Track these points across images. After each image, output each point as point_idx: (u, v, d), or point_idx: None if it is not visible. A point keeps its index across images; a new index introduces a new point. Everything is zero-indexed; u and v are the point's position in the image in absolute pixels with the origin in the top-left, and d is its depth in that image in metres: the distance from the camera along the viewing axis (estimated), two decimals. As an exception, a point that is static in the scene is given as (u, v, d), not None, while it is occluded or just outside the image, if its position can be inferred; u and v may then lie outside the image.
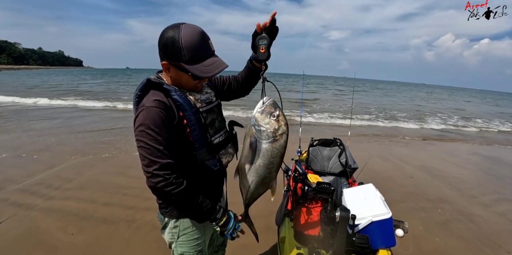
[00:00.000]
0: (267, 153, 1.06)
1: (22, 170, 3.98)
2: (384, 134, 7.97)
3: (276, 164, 1.10)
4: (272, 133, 1.04)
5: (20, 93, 14.10)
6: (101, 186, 3.48)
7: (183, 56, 0.95)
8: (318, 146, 3.08)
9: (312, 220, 2.24)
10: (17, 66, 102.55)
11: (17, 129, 6.54)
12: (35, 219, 2.72)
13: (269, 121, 1.04)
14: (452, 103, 23.37)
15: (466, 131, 9.89)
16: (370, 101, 19.37)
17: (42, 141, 5.54)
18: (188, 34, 0.94)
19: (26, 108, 10.04)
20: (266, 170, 1.10)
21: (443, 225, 2.95)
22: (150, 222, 2.65)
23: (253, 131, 1.06)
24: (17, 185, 3.46)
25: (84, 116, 8.77)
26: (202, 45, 0.97)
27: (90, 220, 2.71)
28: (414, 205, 3.38)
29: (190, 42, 0.94)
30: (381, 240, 1.76)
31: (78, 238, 2.41)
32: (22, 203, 3.02)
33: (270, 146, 1.05)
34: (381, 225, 1.74)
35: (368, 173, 4.18)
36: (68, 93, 15.54)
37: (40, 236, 2.44)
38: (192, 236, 1.20)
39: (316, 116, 10.30)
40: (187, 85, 1.07)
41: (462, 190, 3.96)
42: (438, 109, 16.74)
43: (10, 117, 8.05)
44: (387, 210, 1.75)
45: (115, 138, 5.97)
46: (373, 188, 2.03)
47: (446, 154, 6.03)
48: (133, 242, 2.38)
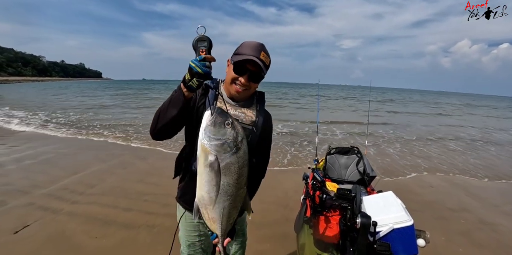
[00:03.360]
0: (233, 166, 0.92)
1: (47, 176, 4.16)
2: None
3: (245, 175, 0.98)
4: (233, 142, 0.92)
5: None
6: (122, 192, 3.59)
7: (235, 51, 1.17)
8: (335, 154, 3.08)
9: (331, 228, 2.23)
10: (41, 78, 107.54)
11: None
12: (61, 222, 2.83)
13: (225, 131, 0.91)
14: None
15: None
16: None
17: (64, 147, 5.79)
18: (248, 40, 1.18)
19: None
20: (237, 186, 0.96)
21: (465, 235, 2.87)
22: (170, 228, 2.70)
23: (207, 148, 0.89)
24: (43, 190, 3.62)
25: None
26: (251, 48, 1.12)
27: (112, 224, 2.79)
28: (434, 214, 3.30)
29: (245, 44, 1.16)
30: (403, 247, 1.74)
31: (102, 242, 2.49)
32: (48, 207, 3.15)
33: (235, 157, 0.92)
34: (402, 232, 1.72)
35: (386, 182, 4.12)
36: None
37: (66, 239, 2.54)
38: (185, 227, 1.36)
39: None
40: (229, 78, 1.17)
41: (484, 199, 3.83)
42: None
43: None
44: (409, 217, 1.74)
45: (135, 145, 6.15)
46: (393, 195, 2.02)
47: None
48: (154, 247, 2.44)
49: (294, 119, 11.39)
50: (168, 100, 1.05)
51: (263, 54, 1.12)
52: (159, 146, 6.06)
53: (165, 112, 1.04)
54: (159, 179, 4.08)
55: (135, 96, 23.90)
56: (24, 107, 13.37)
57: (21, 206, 3.16)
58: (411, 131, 10.25)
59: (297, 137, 7.79)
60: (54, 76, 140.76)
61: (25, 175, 4.18)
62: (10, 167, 4.55)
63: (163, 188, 3.70)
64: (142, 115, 11.43)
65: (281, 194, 3.71)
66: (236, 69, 1.12)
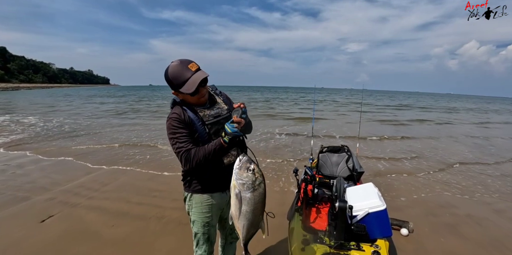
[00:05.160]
0: (250, 201, 1.25)
1: (64, 175, 4.55)
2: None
3: (260, 208, 1.30)
4: (251, 184, 1.24)
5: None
6: (133, 189, 3.94)
7: (174, 86, 1.39)
8: (327, 153, 3.36)
9: (321, 218, 2.51)
10: (51, 84, 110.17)
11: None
12: (80, 214, 3.17)
13: (247, 175, 1.23)
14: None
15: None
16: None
17: (79, 149, 6.19)
18: (171, 69, 1.36)
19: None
20: (253, 214, 1.29)
21: (450, 228, 3.05)
22: (178, 219, 3.02)
23: (236, 184, 1.25)
24: (61, 187, 3.99)
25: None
26: (181, 73, 1.35)
27: (126, 216, 3.12)
28: (424, 210, 3.50)
29: (172, 74, 1.36)
30: (378, 230, 2.01)
31: (118, 229, 2.82)
32: (68, 201, 3.50)
33: (252, 194, 1.25)
34: (376, 215, 2.00)
35: (378, 178, 4.36)
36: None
37: (86, 227, 2.88)
38: (201, 210, 1.58)
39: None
40: (192, 101, 1.46)
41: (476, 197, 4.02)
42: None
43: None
44: (382, 203, 2.02)
45: (145, 148, 6.52)
46: (372, 185, 2.30)
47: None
48: (163, 233, 2.76)
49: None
50: (212, 152, 1.37)
51: (192, 65, 1.37)
52: (167, 145, 6.43)
53: (207, 158, 1.37)
54: (167, 178, 4.44)
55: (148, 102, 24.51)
56: (34, 113, 13.95)
57: (44, 200, 3.52)
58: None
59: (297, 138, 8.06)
60: (63, 83, 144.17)
61: (44, 175, 4.56)
62: (29, 167, 4.95)
63: (170, 186, 4.05)
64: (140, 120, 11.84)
65: (279, 194, 4.00)
66: (193, 94, 1.38)
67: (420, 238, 2.80)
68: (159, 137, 7.93)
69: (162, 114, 14.36)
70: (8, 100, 24.21)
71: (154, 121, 11.49)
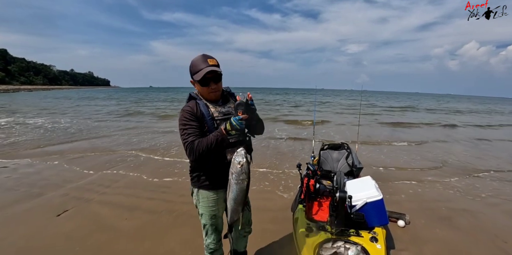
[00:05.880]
0: (233, 190, 1.43)
1: (75, 173, 4.72)
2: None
3: (239, 200, 1.46)
4: (237, 177, 1.38)
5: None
6: (143, 186, 4.12)
7: (191, 73, 1.55)
8: (328, 150, 3.54)
9: (323, 210, 2.68)
10: (51, 86, 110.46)
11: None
12: (94, 208, 3.35)
13: (236, 168, 1.37)
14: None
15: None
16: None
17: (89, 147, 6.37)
18: (193, 59, 1.54)
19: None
20: (234, 202, 1.47)
21: (445, 220, 3.22)
22: (187, 212, 3.19)
23: (230, 170, 1.42)
24: (74, 184, 4.17)
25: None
26: (199, 63, 1.51)
27: (138, 210, 3.30)
28: (420, 204, 3.66)
29: (192, 63, 1.53)
30: (376, 218, 2.19)
31: (131, 222, 2.99)
32: (81, 197, 3.68)
33: (236, 185, 1.41)
34: (374, 205, 2.18)
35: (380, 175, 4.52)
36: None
37: (101, 220, 3.05)
38: (207, 204, 1.71)
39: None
40: (203, 92, 1.59)
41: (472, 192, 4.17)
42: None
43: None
44: (379, 193, 2.20)
45: (152, 148, 6.70)
46: (370, 178, 2.48)
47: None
48: (175, 225, 2.93)
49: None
50: (214, 142, 1.44)
51: (210, 60, 1.51)
52: (171, 147, 6.60)
53: (209, 148, 1.44)
54: (175, 176, 4.61)
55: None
56: (46, 113, 14.14)
57: (58, 196, 3.70)
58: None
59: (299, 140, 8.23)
60: (63, 85, 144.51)
61: (56, 173, 4.74)
62: (39, 166, 5.13)
63: (177, 183, 4.24)
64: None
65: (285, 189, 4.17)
66: (202, 83, 1.53)
67: (416, 229, 2.97)
68: (164, 139, 8.10)
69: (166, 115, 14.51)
70: (10, 102, 24.41)
71: (158, 124, 11.68)
